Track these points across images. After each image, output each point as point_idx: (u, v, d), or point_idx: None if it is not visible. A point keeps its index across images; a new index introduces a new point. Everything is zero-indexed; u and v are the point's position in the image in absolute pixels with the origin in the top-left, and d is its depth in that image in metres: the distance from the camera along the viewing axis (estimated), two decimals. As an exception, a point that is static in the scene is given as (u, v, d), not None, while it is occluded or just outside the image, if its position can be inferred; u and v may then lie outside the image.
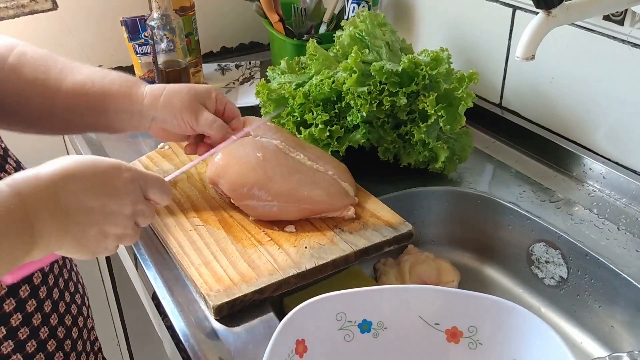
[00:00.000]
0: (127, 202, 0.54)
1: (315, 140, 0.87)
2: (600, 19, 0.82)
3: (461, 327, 0.57)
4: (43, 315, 0.68)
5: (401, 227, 0.75)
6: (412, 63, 0.83)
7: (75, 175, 0.51)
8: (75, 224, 0.51)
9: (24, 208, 0.47)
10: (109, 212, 0.53)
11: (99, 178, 0.53)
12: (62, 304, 0.72)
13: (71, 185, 0.50)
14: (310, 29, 1.17)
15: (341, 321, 0.57)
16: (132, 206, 0.55)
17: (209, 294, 0.66)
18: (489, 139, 1.00)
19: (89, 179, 0.52)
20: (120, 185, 0.54)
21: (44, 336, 0.68)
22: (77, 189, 0.51)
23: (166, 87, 0.75)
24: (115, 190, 0.53)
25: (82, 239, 0.52)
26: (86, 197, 0.51)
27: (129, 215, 0.55)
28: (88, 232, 0.52)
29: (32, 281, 0.67)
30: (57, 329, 0.70)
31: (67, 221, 0.50)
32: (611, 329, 0.75)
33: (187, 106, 0.73)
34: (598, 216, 0.82)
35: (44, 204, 0.49)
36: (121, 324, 1.47)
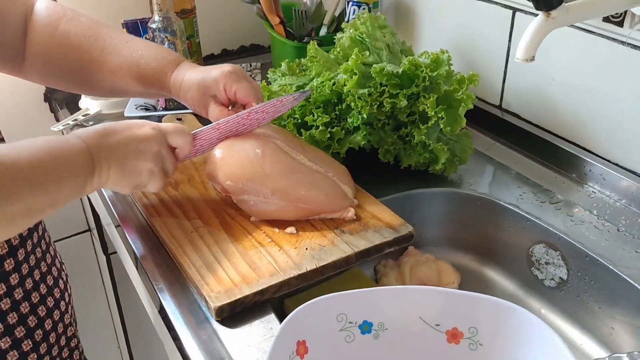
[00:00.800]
0: (153, 143, 0.70)
1: (315, 142, 0.87)
2: (600, 21, 0.82)
3: (462, 328, 0.57)
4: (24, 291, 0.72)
5: (401, 228, 0.76)
6: (413, 65, 0.83)
7: (113, 125, 0.68)
8: (116, 157, 0.66)
9: (85, 144, 0.64)
10: (140, 150, 0.68)
11: (130, 126, 0.69)
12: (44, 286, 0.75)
13: (111, 131, 0.67)
14: (310, 31, 1.17)
15: (342, 322, 0.57)
16: (157, 147, 0.70)
17: (210, 295, 0.66)
18: (489, 141, 1.01)
19: (123, 127, 0.69)
20: (146, 131, 0.70)
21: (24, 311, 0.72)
22: (115, 132, 0.67)
23: (184, 77, 0.79)
24: (143, 135, 0.69)
25: (122, 170, 0.67)
26: (123, 139, 0.67)
27: (156, 154, 0.70)
28: (126, 164, 0.68)
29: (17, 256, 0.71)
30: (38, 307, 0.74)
31: (110, 155, 0.66)
32: (611, 330, 0.75)
33: (197, 102, 0.79)
34: (598, 217, 0.82)
35: (97, 143, 0.65)
36: (121, 325, 1.47)
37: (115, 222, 0.85)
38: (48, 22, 0.80)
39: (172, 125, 0.73)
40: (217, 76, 0.77)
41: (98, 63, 0.80)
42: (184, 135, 0.73)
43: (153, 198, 0.82)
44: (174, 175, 0.86)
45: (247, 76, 0.79)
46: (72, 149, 0.63)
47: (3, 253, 0.70)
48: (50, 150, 0.60)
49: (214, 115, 0.78)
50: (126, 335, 1.49)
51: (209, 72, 0.78)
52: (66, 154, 0.62)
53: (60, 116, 1.16)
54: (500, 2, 0.97)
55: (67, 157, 0.61)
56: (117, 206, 0.85)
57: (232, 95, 0.77)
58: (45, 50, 0.80)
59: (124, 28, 1.13)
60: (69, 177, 0.62)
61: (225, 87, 0.77)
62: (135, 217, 0.82)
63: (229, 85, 0.77)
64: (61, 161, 0.61)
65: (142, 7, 1.18)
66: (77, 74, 0.82)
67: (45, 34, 0.79)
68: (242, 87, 0.77)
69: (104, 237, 1.31)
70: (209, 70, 0.78)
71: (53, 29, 0.79)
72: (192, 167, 0.89)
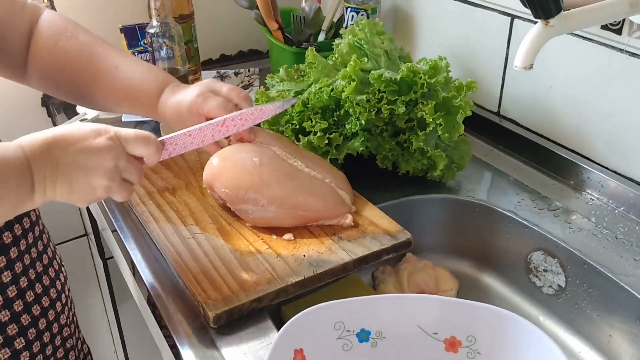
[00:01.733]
0: (108, 157, 0.61)
1: (313, 148, 0.87)
2: (598, 28, 0.82)
3: (460, 336, 0.57)
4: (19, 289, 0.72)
5: (399, 235, 0.75)
6: (411, 71, 0.83)
7: (64, 135, 0.60)
8: (63, 174, 0.59)
9: (25, 157, 0.57)
10: (92, 166, 0.60)
11: (82, 137, 0.61)
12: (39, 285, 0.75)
13: (60, 143, 0.59)
14: (309, 37, 1.17)
15: (339, 330, 0.57)
16: (114, 161, 0.62)
17: (207, 303, 0.65)
18: (487, 147, 1.01)
19: (73, 138, 0.60)
20: (101, 143, 0.61)
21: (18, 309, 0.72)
22: (64, 145, 0.60)
23: (165, 109, 0.78)
24: (96, 148, 0.61)
25: (71, 187, 0.60)
26: (72, 153, 0.60)
27: (111, 169, 0.62)
28: (76, 182, 0.60)
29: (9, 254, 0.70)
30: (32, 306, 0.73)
31: (56, 172, 0.59)
32: (609, 338, 0.75)
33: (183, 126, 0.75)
34: (596, 225, 0.82)
35: (40, 156, 0.58)
36: (118, 332, 1.46)
37: (111, 227, 0.85)
38: (48, 36, 0.80)
39: (133, 134, 0.64)
40: (188, 103, 0.76)
41: (91, 85, 0.81)
42: (147, 144, 0.64)
43: (150, 204, 0.82)
44: (171, 181, 0.86)
45: (218, 87, 0.77)
46: (7, 167, 0.57)
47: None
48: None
49: None
50: (123, 340, 1.48)
51: (181, 99, 0.77)
52: (1, 171, 0.56)
53: (58, 121, 1.16)
54: (498, 9, 0.97)
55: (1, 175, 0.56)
56: (114, 211, 0.85)
57: (206, 115, 0.75)
58: (44, 64, 0.81)
59: (121, 33, 1.13)
60: (3, 199, 0.57)
61: (198, 111, 0.75)
62: (132, 223, 0.82)
63: (200, 109, 0.75)
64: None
65: (140, 12, 1.18)
66: (73, 90, 0.82)
67: (44, 49, 0.80)
68: (211, 107, 0.74)
69: (101, 241, 1.31)
70: (182, 97, 0.77)
71: (52, 45, 0.80)
72: (190, 173, 0.89)
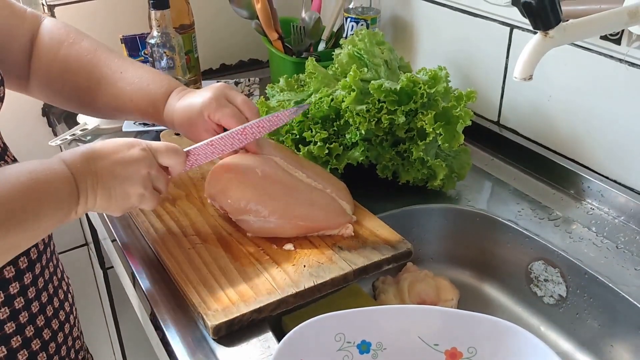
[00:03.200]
0: (142, 166, 0.67)
1: (314, 158, 0.87)
2: (598, 38, 0.83)
3: (461, 348, 0.57)
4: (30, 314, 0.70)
5: (400, 245, 0.75)
6: (411, 81, 0.83)
7: (100, 148, 0.66)
8: (103, 184, 0.64)
9: (70, 171, 0.62)
10: (127, 175, 0.66)
11: (117, 149, 0.66)
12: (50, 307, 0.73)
13: (97, 155, 0.65)
14: (309, 46, 1.18)
15: (340, 342, 0.57)
16: (147, 169, 0.67)
17: (207, 314, 0.65)
18: (487, 157, 1.01)
19: (109, 150, 0.66)
20: (134, 154, 0.67)
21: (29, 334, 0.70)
22: (102, 157, 0.65)
23: (173, 113, 0.79)
24: (131, 158, 0.66)
25: (109, 197, 0.65)
26: (109, 164, 0.65)
27: (144, 177, 0.67)
28: (113, 191, 0.65)
29: (23, 280, 0.69)
30: (43, 330, 0.72)
31: (96, 182, 0.64)
32: (610, 348, 0.75)
33: (189, 135, 0.78)
34: (597, 234, 0.82)
35: (81, 168, 0.63)
36: (118, 340, 1.46)
37: (112, 237, 0.85)
38: (50, 45, 0.80)
39: (163, 145, 0.70)
40: (200, 106, 0.75)
41: (95, 92, 0.81)
42: (176, 155, 0.70)
43: (150, 214, 0.82)
44: (172, 191, 0.86)
45: (232, 95, 0.77)
46: (56, 180, 0.60)
47: (9, 277, 0.67)
48: (34, 185, 0.58)
49: None
50: (123, 350, 1.48)
51: (193, 102, 0.76)
52: (50, 186, 0.59)
53: (58, 131, 1.16)
54: (498, 19, 0.97)
55: (51, 190, 0.59)
56: (114, 221, 0.85)
57: (218, 122, 0.76)
58: (47, 72, 0.81)
59: (122, 43, 1.13)
60: (52, 211, 0.60)
61: (209, 116, 0.75)
62: (132, 233, 0.82)
63: (212, 115, 0.75)
64: (45, 195, 0.59)
65: (141, 23, 1.19)
66: (76, 98, 0.82)
67: (47, 57, 0.80)
68: (224, 114, 0.75)
69: (101, 251, 1.31)
70: (194, 99, 0.76)
71: (54, 53, 0.80)
72: (190, 183, 0.89)
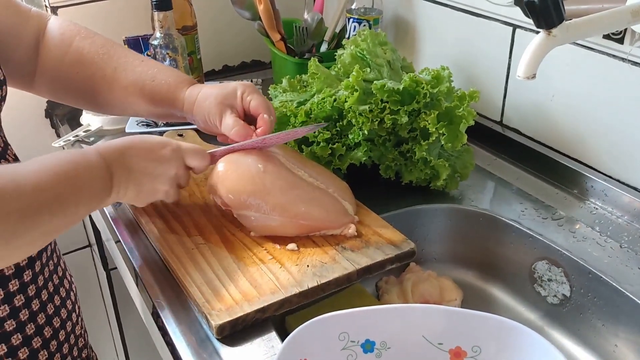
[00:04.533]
0: (172, 166, 0.71)
1: (317, 158, 0.87)
2: (600, 38, 0.83)
3: (465, 347, 0.57)
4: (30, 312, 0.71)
5: (403, 245, 0.75)
6: (413, 81, 0.83)
7: (135, 145, 0.69)
8: (135, 179, 0.68)
9: (105, 162, 0.65)
10: (158, 174, 0.70)
11: (151, 148, 0.70)
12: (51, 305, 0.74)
13: (132, 151, 0.68)
14: (311, 47, 1.18)
15: (344, 341, 0.57)
16: (175, 170, 0.72)
17: (211, 313, 0.65)
18: (490, 157, 1.01)
19: (144, 148, 0.70)
20: (166, 154, 0.71)
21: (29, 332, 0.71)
22: (136, 154, 0.68)
23: (201, 90, 0.80)
24: (163, 158, 0.71)
25: (139, 191, 0.70)
26: (142, 161, 0.69)
27: (172, 177, 0.72)
28: (143, 186, 0.70)
29: (23, 277, 0.69)
30: (44, 328, 0.72)
31: (129, 177, 0.68)
32: (615, 348, 0.75)
33: (213, 111, 0.78)
34: (600, 234, 0.82)
35: (116, 162, 0.66)
36: (121, 341, 1.46)
37: (115, 238, 0.85)
38: (61, 39, 0.81)
39: (191, 147, 0.74)
40: (236, 85, 0.79)
41: (110, 80, 0.81)
42: (203, 158, 0.75)
43: (154, 214, 0.82)
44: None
45: (259, 91, 0.81)
46: (92, 170, 0.64)
47: (9, 274, 0.68)
48: (71, 173, 0.61)
49: (229, 124, 0.77)
50: (126, 351, 1.48)
51: (224, 86, 0.80)
52: (86, 176, 0.63)
53: (62, 132, 1.17)
54: (500, 19, 0.97)
55: (86, 179, 0.63)
56: (118, 222, 0.85)
57: (247, 105, 0.79)
58: (58, 67, 0.81)
59: (125, 44, 1.13)
60: (88, 199, 0.64)
61: (242, 95, 0.78)
62: (135, 234, 0.82)
63: (246, 94, 0.78)
64: (81, 184, 0.62)
65: (144, 24, 1.19)
66: (87, 91, 0.83)
67: (58, 52, 0.80)
68: (255, 98, 0.78)
69: (104, 252, 1.31)
70: (224, 85, 0.80)
71: (66, 46, 0.80)
72: (193, 183, 0.89)
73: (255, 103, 0.78)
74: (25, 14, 0.80)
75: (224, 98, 0.78)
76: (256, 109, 0.78)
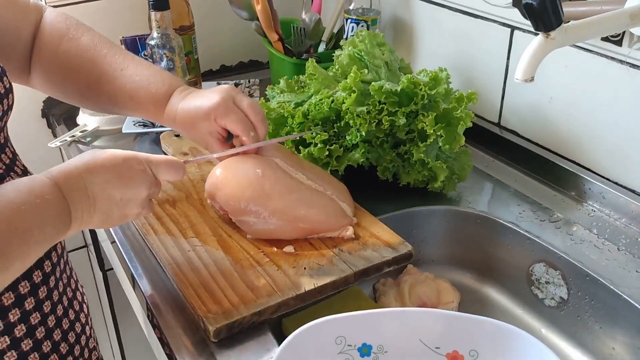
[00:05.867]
0: (142, 188, 0.64)
1: (314, 160, 0.86)
2: (599, 40, 0.82)
3: (462, 350, 0.56)
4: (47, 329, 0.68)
5: (401, 247, 0.75)
6: (411, 83, 0.83)
7: (97, 168, 0.61)
8: (100, 208, 0.61)
9: (62, 196, 0.58)
10: (128, 199, 0.63)
11: (117, 170, 0.62)
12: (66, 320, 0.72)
13: (95, 178, 0.60)
14: (309, 48, 1.18)
15: (341, 345, 0.56)
16: (147, 191, 0.65)
17: (208, 316, 0.65)
18: (488, 158, 1.01)
19: (108, 171, 0.61)
20: (135, 176, 0.63)
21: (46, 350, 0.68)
22: (100, 180, 0.61)
23: (177, 113, 0.76)
24: (132, 181, 0.63)
25: (106, 219, 0.63)
26: (108, 188, 0.61)
27: (144, 199, 0.65)
28: (112, 214, 0.63)
29: (38, 294, 0.67)
30: (60, 344, 0.70)
31: (94, 206, 0.61)
32: (612, 351, 0.75)
33: (194, 137, 0.78)
34: (598, 236, 0.81)
35: (76, 192, 0.59)
36: (118, 343, 1.46)
37: (111, 239, 0.85)
38: (50, 39, 0.80)
39: (163, 160, 0.67)
40: (208, 109, 0.74)
41: (96, 89, 0.80)
42: (175, 170, 0.69)
43: (150, 216, 0.81)
44: (172, 193, 0.86)
45: (239, 99, 0.76)
46: (46, 210, 0.57)
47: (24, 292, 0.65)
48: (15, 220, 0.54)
49: (211, 148, 0.77)
50: (122, 352, 1.48)
51: (200, 104, 0.74)
52: (37, 219, 0.56)
53: (58, 132, 1.16)
54: (498, 20, 0.97)
55: (42, 211, 0.56)
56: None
57: (224, 127, 0.75)
58: (48, 67, 0.80)
59: (122, 44, 1.13)
60: (44, 233, 0.57)
61: (216, 120, 0.74)
62: (132, 235, 0.82)
63: (219, 119, 0.74)
64: (36, 217, 0.56)
65: (141, 24, 1.19)
66: (77, 93, 0.82)
67: (47, 52, 0.79)
68: (231, 120, 0.74)
69: (100, 253, 1.30)
70: (201, 102, 0.75)
71: (55, 48, 0.79)
72: (190, 185, 0.88)
73: (231, 127, 0.74)
74: (24, 9, 0.79)
75: (198, 125, 0.75)
76: (234, 131, 0.75)
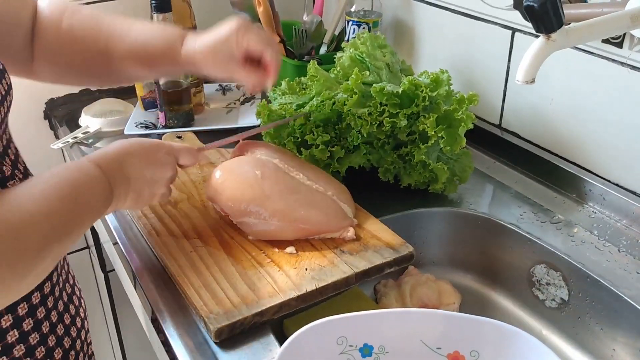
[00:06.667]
0: (168, 169, 0.73)
1: (315, 161, 0.87)
2: (600, 42, 0.83)
3: (463, 351, 0.57)
4: (41, 335, 0.68)
5: (402, 248, 0.75)
6: (413, 85, 0.83)
7: (131, 152, 0.69)
8: (135, 187, 0.69)
9: (105, 176, 0.65)
10: (156, 179, 0.72)
11: (147, 153, 0.71)
12: (61, 326, 0.72)
13: (130, 159, 0.69)
14: (310, 50, 1.18)
15: (342, 345, 0.57)
16: (172, 172, 0.74)
17: (209, 317, 0.65)
18: (489, 160, 1.01)
19: (140, 155, 0.70)
20: (162, 158, 0.72)
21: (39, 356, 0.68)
22: (135, 161, 0.69)
23: (195, 49, 0.78)
24: (159, 162, 0.72)
25: (137, 198, 0.70)
26: (140, 168, 0.70)
27: (169, 179, 0.73)
28: (142, 192, 0.71)
29: (31, 299, 0.67)
30: (55, 350, 0.70)
31: (129, 185, 0.68)
32: (612, 352, 0.75)
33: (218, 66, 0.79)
34: (599, 238, 0.82)
35: (116, 173, 0.67)
36: (119, 345, 1.46)
37: (113, 240, 0.85)
38: (51, 20, 0.79)
39: (182, 147, 0.76)
40: (228, 35, 0.77)
41: (105, 54, 0.80)
42: (193, 156, 0.77)
43: (152, 217, 0.82)
44: (173, 193, 0.86)
45: (255, 26, 0.80)
46: (94, 187, 0.64)
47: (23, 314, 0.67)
48: (74, 194, 0.61)
49: (242, 79, 0.79)
50: (124, 353, 1.48)
51: (218, 34, 0.78)
52: (88, 193, 0.63)
53: (60, 134, 1.16)
54: (499, 22, 0.97)
55: (89, 197, 0.63)
56: (116, 224, 0.85)
57: (245, 49, 0.77)
58: (53, 48, 0.80)
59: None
60: (91, 216, 0.64)
61: (238, 42, 0.77)
62: (134, 236, 0.82)
63: (240, 39, 0.76)
64: (84, 203, 0.62)
65: (143, 25, 1.19)
66: (86, 68, 0.82)
67: (50, 33, 0.79)
68: (251, 39, 0.77)
69: (102, 254, 1.31)
70: (218, 33, 0.78)
71: (57, 27, 0.79)
72: (192, 186, 0.89)
73: (253, 44, 0.77)
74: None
75: (221, 51, 0.77)
76: (256, 48, 0.77)
